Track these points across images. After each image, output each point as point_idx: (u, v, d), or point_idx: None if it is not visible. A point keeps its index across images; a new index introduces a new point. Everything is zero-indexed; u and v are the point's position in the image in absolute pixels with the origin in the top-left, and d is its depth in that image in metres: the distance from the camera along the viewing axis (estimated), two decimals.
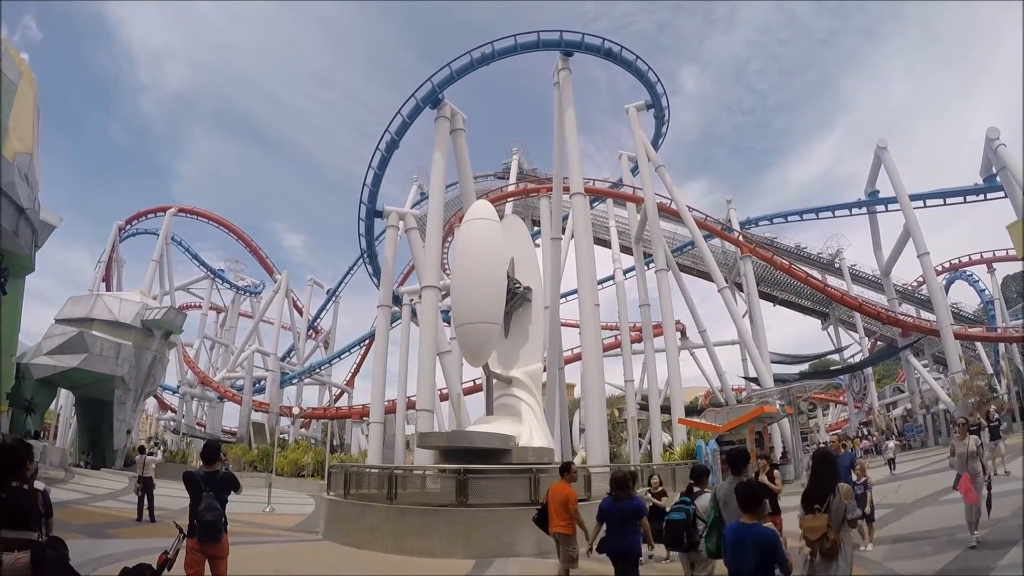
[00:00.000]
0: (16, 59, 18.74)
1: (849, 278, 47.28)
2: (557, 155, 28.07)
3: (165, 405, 59.51)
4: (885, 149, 38.42)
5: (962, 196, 39.00)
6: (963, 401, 31.34)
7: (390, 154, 28.26)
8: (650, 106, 31.48)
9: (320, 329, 63.69)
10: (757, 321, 39.22)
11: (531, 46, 26.95)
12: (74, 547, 4.03)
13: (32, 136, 19.28)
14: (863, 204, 42.94)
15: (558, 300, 29.88)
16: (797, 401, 31.11)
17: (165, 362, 38.96)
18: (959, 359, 34.51)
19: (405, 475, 14.81)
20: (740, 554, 4.20)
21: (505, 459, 13.28)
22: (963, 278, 50.76)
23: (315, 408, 54.57)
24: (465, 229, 15.77)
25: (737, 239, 41.14)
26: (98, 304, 32.92)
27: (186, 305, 58.75)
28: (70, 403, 42.57)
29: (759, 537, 4.12)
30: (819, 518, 4.76)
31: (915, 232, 36.43)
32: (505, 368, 16.23)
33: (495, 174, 52.25)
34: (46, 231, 21.93)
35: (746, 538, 4.17)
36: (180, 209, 54.33)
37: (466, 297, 14.90)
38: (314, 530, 14.62)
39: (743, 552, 4.17)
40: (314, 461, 35.87)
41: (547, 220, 31.66)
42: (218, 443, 6.48)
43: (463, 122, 27.61)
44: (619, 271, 39.70)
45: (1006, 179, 31.55)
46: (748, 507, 4.29)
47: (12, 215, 17.31)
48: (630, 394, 36.94)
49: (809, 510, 4.85)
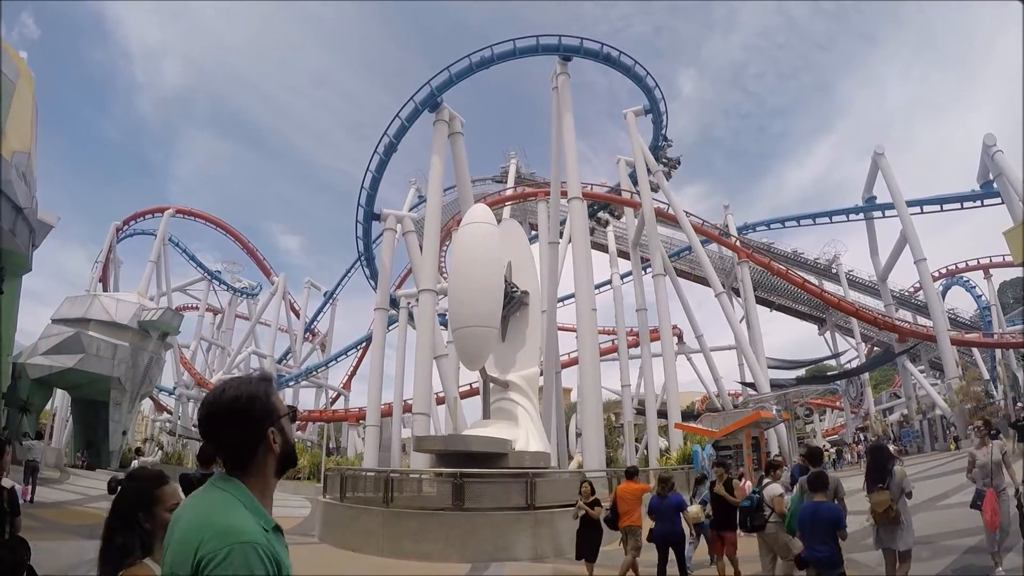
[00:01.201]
0: (15, 58, 18.76)
1: (846, 283, 47.41)
2: (555, 159, 28.09)
3: (161, 406, 59.24)
4: (882, 155, 38.56)
5: (959, 202, 39.13)
6: (959, 407, 31.42)
7: (388, 157, 28.28)
8: (648, 111, 31.57)
9: (317, 331, 63.54)
10: (754, 326, 39.23)
11: (530, 50, 27.01)
12: (68, 548, 4.01)
13: (30, 135, 19.28)
14: (860, 210, 43.05)
15: (555, 304, 29.88)
16: (794, 406, 31.18)
17: (161, 363, 38.85)
18: (956, 365, 34.58)
19: (401, 478, 14.78)
20: (813, 525, 5.53)
21: (502, 463, 13.27)
22: (960, 284, 50.88)
23: (311, 411, 54.36)
24: (463, 233, 15.78)
25: (734, 244, 41.22)
26: (95, 304, 32.83)
27: (183, 306, 58.57)
28: (66, 404, 42.41)
29: (826, 511, 5.53)
30: (883, 494, 6.24)
31: (912, 238, 36.54)
32: (502, 372, 16.23)
33: (493, 178, 52.27)
34: (43, 230, 21.92)
35: (817, 512, 5.53)
36: (177, 210, 54.19)
37: (463, 301, 14.91)
38: (310, 533, 14.58)
39: (815, 523, 5.50)
40: (310, 464, 35.70)
41: (544, 224, 31.70)
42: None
43: (461, 126, 27.65)
44: (616, 276, 39.76)
45: (1003, 185, 31.68)
46: (816, 488, 5.71)
47: (10, 214, 17.31)
48: (627, 399, 36.95)
49: (873, 488, 6.34)
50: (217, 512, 1.39)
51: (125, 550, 1.87)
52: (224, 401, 1.49)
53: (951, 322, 44.65)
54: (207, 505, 1.43)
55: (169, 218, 52.49)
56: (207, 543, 1.31)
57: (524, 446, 14.34)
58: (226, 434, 1.50)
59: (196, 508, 1.46)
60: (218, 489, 1.47)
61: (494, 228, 15.96)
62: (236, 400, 1.49)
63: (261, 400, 1.51)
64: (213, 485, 1.49)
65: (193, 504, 1.50)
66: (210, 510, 1.40)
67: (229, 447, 1.51)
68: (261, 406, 1.51)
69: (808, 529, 5.61)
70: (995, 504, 7.08)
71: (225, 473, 1.50)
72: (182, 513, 1.49)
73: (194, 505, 1.49)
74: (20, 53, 20.35)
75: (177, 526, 1.45)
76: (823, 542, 5.43)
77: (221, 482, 1.49)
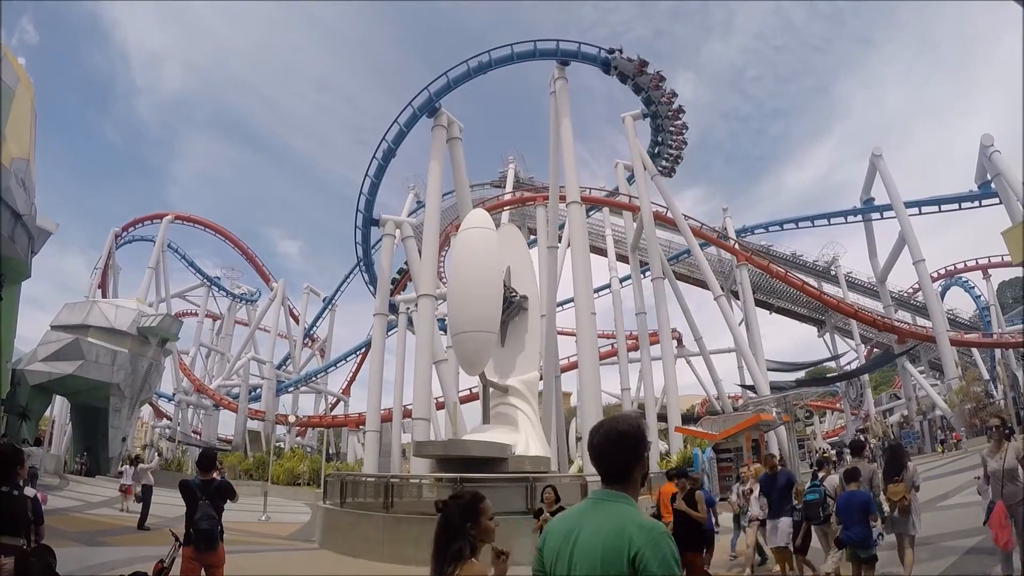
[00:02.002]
0: (14, 64, 18.80)
1: (845, 285, 47.44)
2: (553, 163, 28.12)
3: (160, 413, 59.15)
4: (880, 156, 38.69)
5: (957, 203, 39.25)
6: (959, 407, 31.44)
7: (387, 162, 28.33)
8: (646, 115, 31.63)
9: (316, 337, 63.47)
10: (753, 329, 39.24)
11: (528, 55, 27.10)
12: (69, 555, 4.00)
13: (29, 141, 19.31)
14: (859, 212, 43.16)
15: (554, 309, 29.86)
16: (794, 409, 31.11)
17: (161, 369, 38.83)
18: (955, 365, 34.64)
19: (402, 484, 14.78)
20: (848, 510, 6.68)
21: (502, 468, 13.25)
22: (959, 284, 50.99)
23: (311, 416, 54.36)
24: (461, 238, 15.79)
25: (733, 247, 41.27)
26: (94, 311, 32.83)
27: (182, 312, 58.47)
28: (65, 410, 42.34)
29: (859, 497, 6.66)
30: (899, 486, 7.44)
31: (910, 239, 36.63)
32: (501, 377, 16.23)
33: (491, 183, 52.27)
34: (42, 237, 21.95)
35: (851, 499, 6.68)
36: (177, 216, 54.32)
37: (462, 305, 14.91)
38: (310, 539, 14.57)
39: (849, 509, 6.65)
40: (310, 470, 35.70)
41: (543, 229, 31.70)
42: (214, 451, 6.46)
43: (460, 131, 27.69)
44: (615, 279, 39.75)
45: (1001, 186, 31.78)
46: (851, 479, 6.94)
47: (9, 221, 17.33)
48: (627, 402, 36.93)
49: (890, 480, 7.60)
50: (630, 516, 1.79)
51: (459, 554, 2.41)
52: (619, 432, 1.92)
53: (950, 323, 44.69)
54: (617, 513, 1.82)
55: (168, 224, 52.60)
56: (636, 539, 1.69)
57: (524, 450, 14.34)
58: (619, 458, 1.93)
59: (601, 518, 1.84)
60: (613, 501, 1.87)
61: (493, 233, 15.97)
62: (628, 433, 1.91)
63: (642, 433, 1.93)
64: (606, 499, 1.89)
65: (592, 516, 1.88)
66: (624, 516, 1.79)
67: (618, 468, 1.93)
68: (643, 437, 1.93)
69: (844, 514, 6.74)
70: (1003, 519, 6.04)
71: (606, 488, 1.92)
72: (575, 524, 1.90)
73: (594, 518, 1.86)
74: (19, 59, 20.41)
75: (579, 535, 1.84)
76: (857, 524, 6.52)
77: (612, 495, 1.89)
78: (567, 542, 1.85)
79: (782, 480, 8.41)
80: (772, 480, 8.55)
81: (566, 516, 2.03)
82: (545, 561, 1.95)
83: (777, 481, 8.40)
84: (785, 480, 8.43)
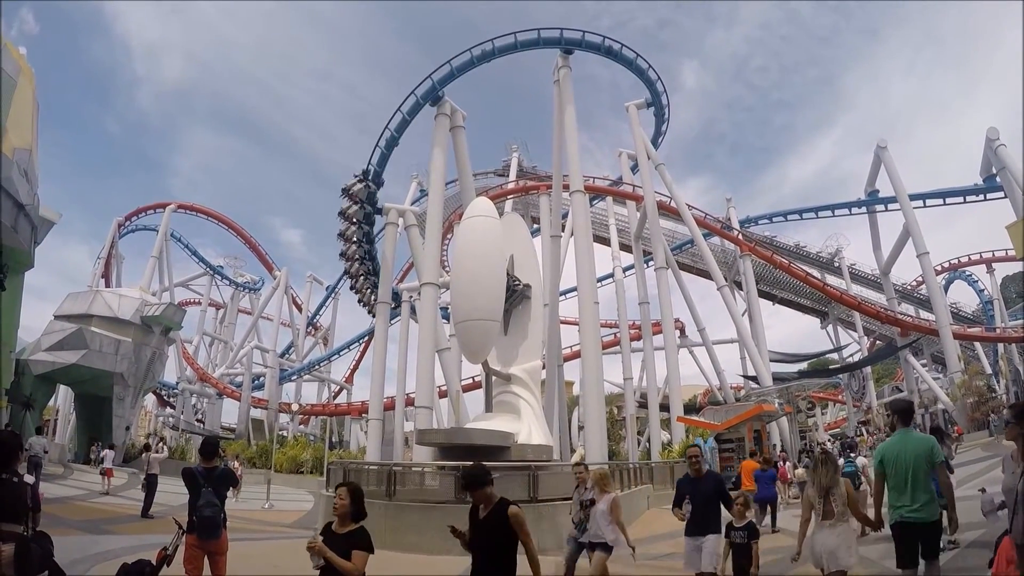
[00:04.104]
0: (15, 54, 18.68)
1: (848, 277, 47.26)
2: (557, 152, 28.01)
3: (164, 401, 59.42)
4: (885, 148, 38.41)
5: (962, 196, 38.97)
6: (962, 401, 31.39)
7: (390, 151, 28.24)
8: (650, 104, 31.45)
9: (319, 326, 63.64)
10: (756, 320, 39.25)
11: (532, 44, 26.90)
12: (72, 543, 4.01)
13: (31, 132, 19.23)
14: (863, 203, 42.92)
15: (557, 298, 29.87)
16: (796, 400, 31.20)
17: (164, 358, 38.91)
18: (958, 359, 34.56)
19: (404, 472, 14.77)
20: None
21: (504, 456, 13.27)
22: (962, 278, 50.80)
23: (314, 405, 54.55)
24: (465, 226, 15.75)
25: (736, 238, 41.14)
26: (97, 300, 32.85)
27: (185, 301, 58.66)
28: (69, 399, 42.51)
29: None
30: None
31: (915, 232, 36.45)
32: (504, 365, 16.23)
33: (495, 171, 52.16)
34: (45, 227, 21.89)
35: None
36: (179, 205, 54.31)
37: (465, 294, 14.89)
38: (313, 527, 14.58)
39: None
40: (313, 458, 35.89)
41: (547, 218, 31.63)
42: (217, 439, 6.45)
43: (463, 119, 27.56)
44: (619, 269, 39.72)
45: (1006, 179, 31.53)
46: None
47: (11, 211, 17.27)
48: (629, 392, 36.98)
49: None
50: (922, 436, 5.07)
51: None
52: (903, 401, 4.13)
53: (953, 316, 44.58)
54: (916, 435, 5.05)
55: (171, 213, 52.58)
56: (928, 443, 4.89)
57: (527, 439, 14.36)
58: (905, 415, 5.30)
59: (910, 437, 4.98)
60: (912, 431, 5.05)
61: (496, 222, 15.91)
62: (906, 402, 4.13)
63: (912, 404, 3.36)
64: (908, 431, 5.04)
65: (906, 438, 4.97)
66: (919, 435, 5.07)
67: (905, 419, 5.36)
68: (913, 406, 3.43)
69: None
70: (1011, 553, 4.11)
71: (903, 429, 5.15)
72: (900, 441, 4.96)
73: (907, 438, 4.98)
74: (20, 49, 20.29)
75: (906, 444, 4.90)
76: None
77: (909, 430, 5.13)
78: (902, 448, 4.83)
79: (709, 485, 6.12)
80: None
81: (891, 441, 5.06)
82: (886, 462, 4.93)
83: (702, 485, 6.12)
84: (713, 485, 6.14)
